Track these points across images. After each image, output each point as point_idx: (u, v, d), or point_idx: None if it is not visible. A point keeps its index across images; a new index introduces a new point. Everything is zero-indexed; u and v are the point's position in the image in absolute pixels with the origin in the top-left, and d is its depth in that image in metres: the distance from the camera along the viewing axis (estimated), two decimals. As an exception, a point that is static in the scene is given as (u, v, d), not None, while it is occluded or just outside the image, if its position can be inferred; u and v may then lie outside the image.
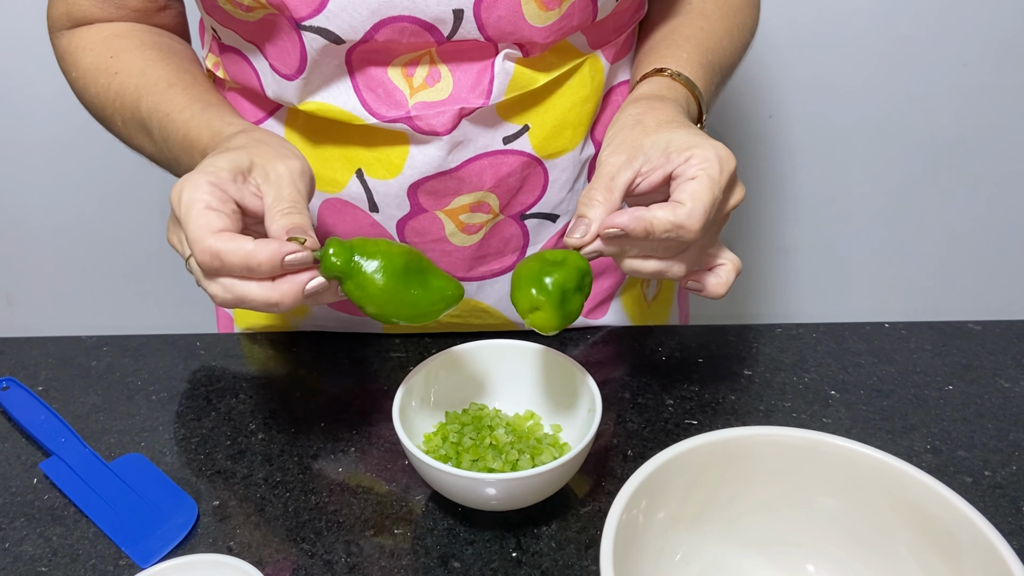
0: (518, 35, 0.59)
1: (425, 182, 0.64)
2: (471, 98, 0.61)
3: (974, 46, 1.25)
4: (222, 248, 0.47)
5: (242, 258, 0.47)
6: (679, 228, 0.51)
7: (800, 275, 1.48)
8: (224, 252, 0.47)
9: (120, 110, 0.63)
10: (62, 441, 0.63)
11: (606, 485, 0.60)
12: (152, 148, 0.63)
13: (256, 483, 0.60)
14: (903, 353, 0.72)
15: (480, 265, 0.69)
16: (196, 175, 0.50)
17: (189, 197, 0.48)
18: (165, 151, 0.61)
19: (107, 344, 0.75)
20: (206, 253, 0.47)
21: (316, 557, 0.55)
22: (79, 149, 1.32)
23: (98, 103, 0.65)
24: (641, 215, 0.51)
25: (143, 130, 0.62)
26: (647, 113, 0.57)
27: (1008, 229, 1.41)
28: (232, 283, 0.48)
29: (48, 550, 0.56)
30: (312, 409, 0.67)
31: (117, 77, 0.63)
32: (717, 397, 0.68)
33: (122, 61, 0.64)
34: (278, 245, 0.47)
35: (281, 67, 0.62)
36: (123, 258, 1.45)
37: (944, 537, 0.43)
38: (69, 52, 0.67)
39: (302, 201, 0.51)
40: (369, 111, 0.61)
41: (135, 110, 0.62)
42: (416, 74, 0.61)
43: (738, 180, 0.55)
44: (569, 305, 0.53)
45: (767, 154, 1.36)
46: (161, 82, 0.62)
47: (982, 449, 0.62)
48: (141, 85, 0.62)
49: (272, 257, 0.47)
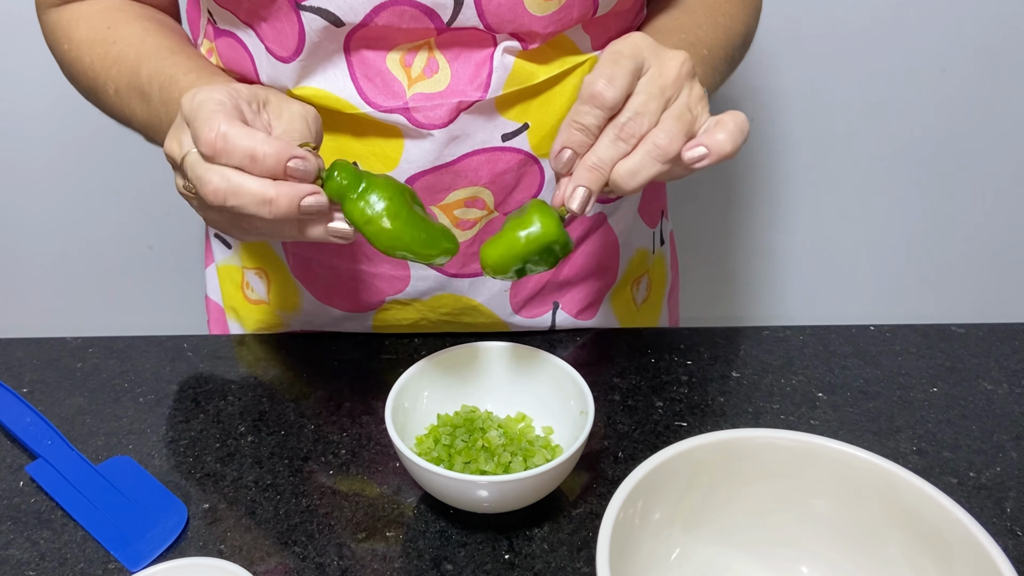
0: (517, 24, 0.59)
1: (421, 176, 0.64)
2: (469, 91, 0.61)
3: (953, 51, 1.26)
4: (230, 129, 0.45)
5: (249, 144, 0.45)
6: (592, 95, 0.49)
7: (787, 278, 1.49)
8: (232, 133, 0.45)
9: (116, 77, 0.62)
10: (48, 444, 0.62)
11: (597, 487, 0.60)
12: (146, 114, 0.61)
13: (246, 486, 0.60)
14: (888, 356, 0.73)
15: (472, 262, 0.69)
16: (213, 86, 0.49)
17: (205, 96, 0.47)
18: (163, 114, 0.59)
19: (92, 345, 0.74)
20: (213, 131, 0.45)
21: (308, 560, 0.54)
22: (63, 148, 1.30)
23: (91, 73, 0.64)
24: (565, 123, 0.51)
25: (140, 95, 0.61)
26: None
27: (991, 233, 1.43)
28: (230, 171, 0.46)
29: (35, 554, 0.55)
30: (302, 411, 0.67)
31: (115, 46, 0.62)
32: (706, 399, 0.68)
33: (120, 31, 0.63)
34: (287, 144, 0.46)
35: (277, 49, 0.61)
36: (106, 259, 1.44)
37: (934, 538, 0.44)
38: (60, 25, 0.66)
39: (311, 137, 0.50)
40: (365, 100, 0.61)
41: (134, 75, 0.61)
42: (414, 64, 0.61)
43: (667, 48, 0.53)
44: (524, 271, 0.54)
45: (752, 157, 1.37)
46: (163, 49, 0.61)
47: (967, 450, 0.63)
48: (141, 52, 0.61)
49: (279, 152, 0.46)
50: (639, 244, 0.79)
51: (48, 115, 1.23)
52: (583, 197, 0.51)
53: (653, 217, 0.81)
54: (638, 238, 0.79)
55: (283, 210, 0.46)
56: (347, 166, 0.49)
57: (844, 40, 1.26)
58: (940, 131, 1.33)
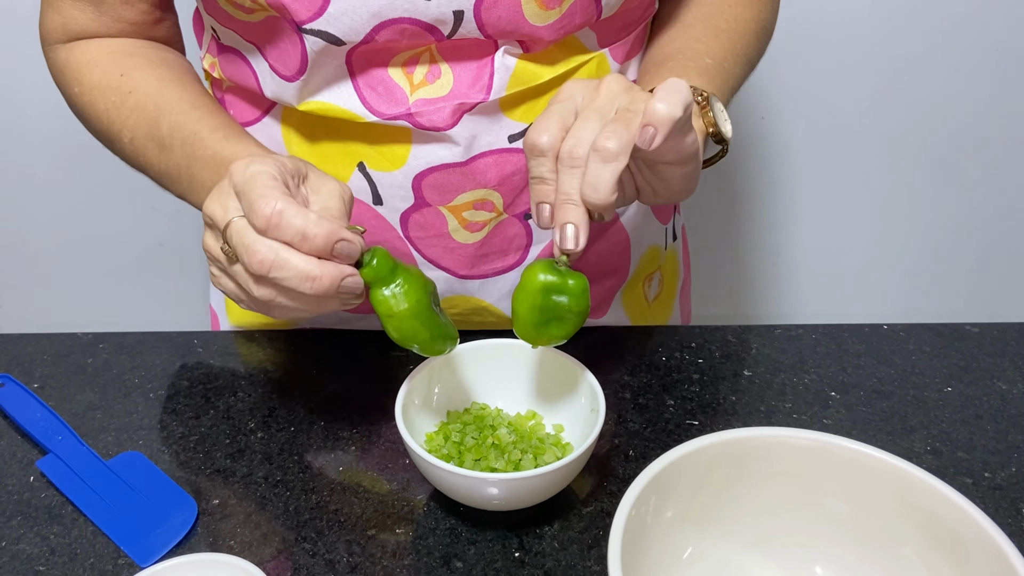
0: (519, 33, 0.59)
1: (430, 173, 0.64)
2: (471, 93, 0.61)
3: (970, 49, 1.26)
4: (286, 207, 0.47)
5: (303, 222, 0.47)
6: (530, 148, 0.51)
7: (799, 277, 1.49)
8: (287, 211, 0.46)
9: (132, 127, 0.63)
10: (59, 439, 0.62)
11: (608, 485, 0.60)
12: (163, 165, 0.62)
13: (256, 482, 0.60)
14: (902, 355, 0.72)
15: (482, 263, 0.69)
16: (263, 158, 0.50)
17: (259, 169, 0.49)
18: (183, 168, 0.60)
19: (103, 341, 0.74)
20: (269, 206, 0.46)
21: (317, 556, 0.54)
22: (73, 146, 1.31)
23: (105, 119, 0.64)
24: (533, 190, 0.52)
25: (159, 147, 0.62)
26: None
27: (1005, 232, 1.42)
28: (280, 245, 0.47)
29: (46, 549, 0.55)
30: (312, 407, 0.67)
31: (131, 96, 0.63)
32: (718, 398, 0.68)
33: (135, 80, 0.64)
34: (337, 227, 0.48)
35: (281, 68, 0.61)
36: (117, 256, 1.45)
37: (950, 539, 0.43)
38: (70, 67, 0.66)
39: (346, 216, 0.52)
40: (370, 109, 0.61)
41: (153, 127, 0.62)
42: (416, 72, 0.61)
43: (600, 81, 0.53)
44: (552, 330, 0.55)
45: (762, 156, 1.37)
46: (184, 103, 0.62)
47: (981, 451, 0.63)
48: (160, 104, 0.62)
49: (329, 233, 0.47)
50: (651, 241, 0.79)
51: (59, 112, 1.23)
52: (572, 233, 0.50)
53: (665, 213, 0.80)
54: (649, 235, 0.78)
55: (324, 288, 0.48)
56: (385, 255, 0.51)
57: (854, 39, 1.25)
58: (952, 129, 1.33)
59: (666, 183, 0.55)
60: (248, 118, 0.68)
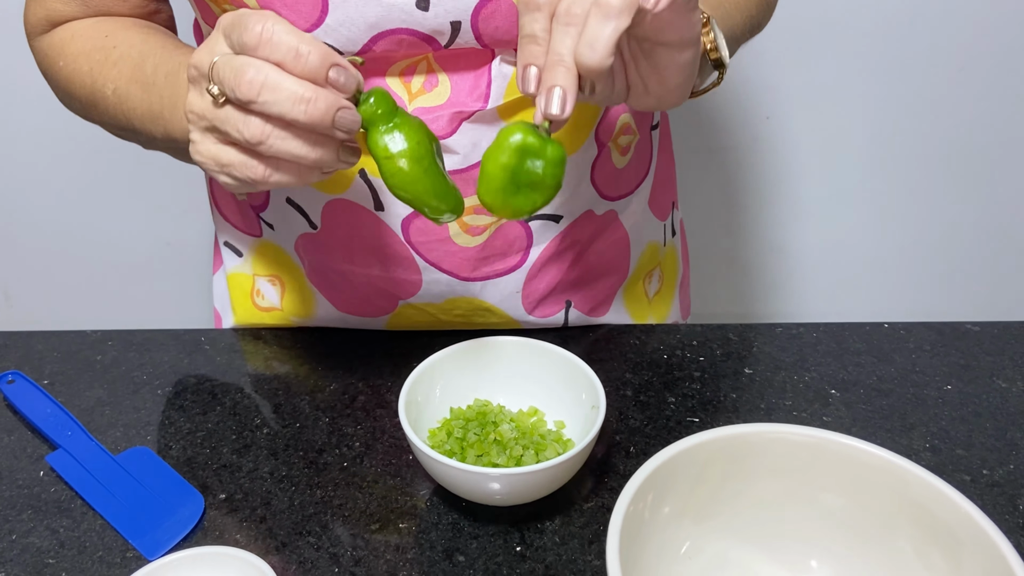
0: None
1: None
2: (469, 102, 0.62)
3: (973, 48, 1.26)
4: (277, 25, 0.44)
5: (294, 40, 0.44)
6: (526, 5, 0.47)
7: (800, 275, 1.49)
8: (279, 29, 0.44)
9: (115, 78, 0.61)
10: (68, 434, 0.63)
11: (608, 481, 0.60)
12: (146, 104, 0.60)
13: (262, 477, 0.61)
14: (902, 353, 0.73)
15: (484, 265, 0.70)
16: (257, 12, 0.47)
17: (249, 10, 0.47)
18: (167, 99, 0.58)
19: (112, 339, 0.75)
20: (261, 23, 0.44)
21: (322, 550, 0.55)
22: (82, 146, 1.32)
23: (88, 80, 0.63)
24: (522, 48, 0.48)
25: (142, 87, 0.59)
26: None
27: (1006, 231, 1.42)
28: (270, 66, 0.44)
29: (55, 542, 0.56)
30: (317, 404, 0.68)
31: (116, 49, 0.62)
32: (718, 395, 0.68)
33: (119, 37, 0.63)
34: (331, 51, 0.45)
35: None
36: (125, 255, 1.46)
37: (945, 534, 0.44)
38: (53, 45, 0.65)
39: None
40: None
41: (136, 71, 0.60)
42: (414, 81, 0.61)
43: None
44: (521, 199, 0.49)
45: (766, 155, 1.37)
46: (168, 46, 0.61)
47: (980, 448, 0.63)
48: (145, 50, 0.61)
49: (324, 54, 0.44)
50: (650, 238, 0.79)
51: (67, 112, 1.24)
52: (558, 96, 0.46)
53: (664, 209, 0.81)
54: (649, 232, 0.79)
55: (319, 114, 0.44)
56: (385, 95, 0.47)
57: (861, 38, 1.25)
58: (956, 128, 1.33)
59: (660, 75, 0.51)
60: None
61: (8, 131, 1.32)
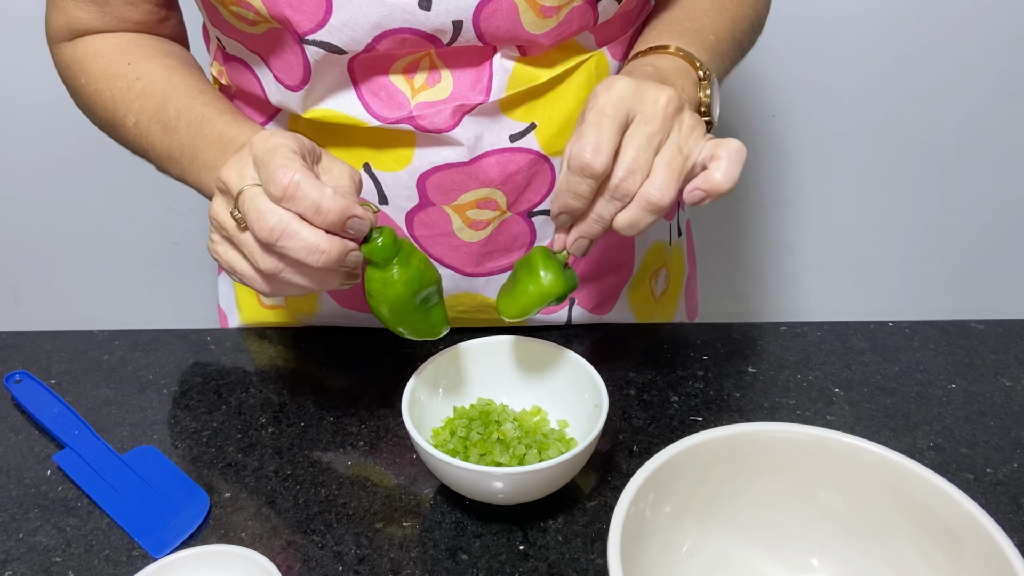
0: (517, 40, 0.60)
1: (434, 173, 0.65)
2: (471, 95, 0.62)
3: (979, 46, 1.25)
4: (304, 179, 0.47)
5: (318, 196, 0.47)
6: (581, 167, 0.50)
7: (805, 274, 1.49)
8: (305, 183, 0.47)
9: (138, 111, 0.64)
10: (75, 433, 0.64)
11: (611, 480, 0.60)
12: (165, 146, 0.63)
13: (267, 476, 0.61)
14: (907, 352, 0.73)
15: (487, 261, 0.70)
16: (285, 132, 0.51)
17: (280, 141, 0.49)
18: (187, 148, 0.61)
19: (118, 338, 0.76)
20: (288, 176, 0.47)
21: (326, 549, 0.55)
22: (91, 145, 1.32)
23: (110, 106, 0.66)
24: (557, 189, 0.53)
25: (164, 128, 0.62)
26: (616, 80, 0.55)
27: (1011, 229, 1.41)
28: (291, 216, 0.48)
29: (62, 540, 0.57)
30: (321, 403, 0.68)
31: (139, 82, 0.64)
32: (722, 394, 0.68)
33: (142, 68, 0.65)
34: (351, 204, 0.48)
35: (285, 78, 0.63)
36: (133, 255, 1.46)
37: (946, 532, 0.44)
38: (76, 60, 0.67)
39: (356, 197, 0.52)
40: (372, 114, 0.63)
41: (159, 110, 0.63)
42: (417, 77, 0.62)
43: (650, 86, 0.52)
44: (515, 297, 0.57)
45: (772, 153, 1.37)
46: (191, 88, 0.63)
47: (984, 447, 0.63)
48: (168, 90, 0.63)
49: (343, 209, 0.48)
50: (655, 237, 0.79)
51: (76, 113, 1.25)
52: (585, 247, 0.55)
53: (670, 209, 0.81)
54: (654, 231, 0.79)
55: (331, 262, 0.48)
56: (390, 238, 0.51)
57: (867, 36, 1.25)
58: (964, 126, 1.32)
59: None
60: (255, 122, 0.69)
61: (16, 132, 1.33)
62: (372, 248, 0.51)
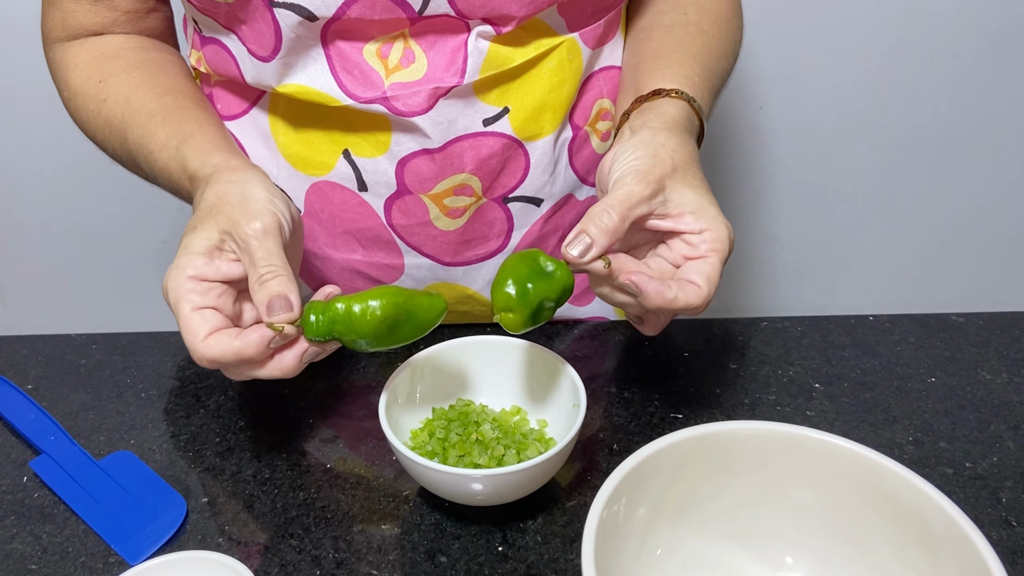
0: (489, 8, 0.60)
1: (410, 159, 0.65)
2: (445, 77, 0.62)
3: (964, 38, 1.25)
4: (214, 354, 0.50)
5: (234, 355, 0.50)
6: (690, 309, 0.53)
7: (786, 268, 1.48)
8: (218, 356, 0.50)
9: (110, 139, 0.65)
10: (52, 439, 0.63)
11: (591, 479, 0.60)
12: (144, 174, 0.66)
13: (245, 479, 0.61)
14: (887, 345, 0.73)
15: (465, 250, 0.70)
16: (176, 272, 0.52)
17: (174, 298, 0.52)
18: (163, 182, 0.64)
19: (96, 342, 0.75)
20: (203, 361, 0.51)
21: (304, 552, 0.55)
22: (72, 144, 1.31)
23: (89, 129, 0.67)
24: (663, 291, 0.52)
25: (133, 163, 0.65)
26: (669, 146, 0.56)
27: (993, 223, 1.42)
28: (242, 371, 0.52)
29: (38, 548, 0.56)
30: (300, 406, 0.68)
31: (105, 105, 0.65)
32: (703, 391, 0.68)
33: (110, 87, 0.65)
34: (259, 335, 0.51)
35: (258, 49, 0.63)
36: (119, 255, 1.45)
37: (920, 528, 0.44)
38: (61, 69, 0.68)
39: (276, 259, 0.52)
40: (346, 92, 0.63)
41: (123, 141, 0.64)
42: (391, 55, 0.62)
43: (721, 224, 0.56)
44: (541, 315, 0.54)
45: (756, 146, 1.36)
46: (143, 112, 0.63)
47: (963, 441, 0.63)
48: (127, 115, 0.64)
49: (259, 347, 0.51)
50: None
51: (55, 109, 1.24)
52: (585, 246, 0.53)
53: None
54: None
55: (299, 369, 0.53)
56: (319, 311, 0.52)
57: (854, 28, 1.24)
58: (947, 119, 1.32)
59: None
60: (236, 111, 0.70)
61: (1, 133, 1.32)
62: (312, 332, 0.52)
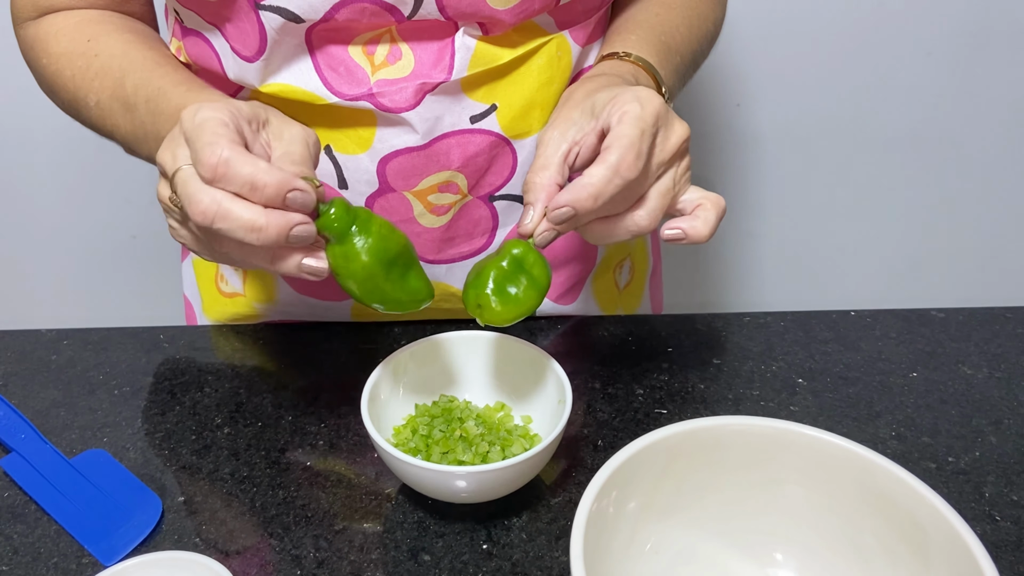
0: (479, 16, 0.59)
1: (394, 157, 0.64)
2: (433, 74, 0.61)
3: (939, 35, 1.26)
4: (232, 156, 0.44)
5: (251, 171, 0.44)
6: (616, 174, 0.50)
7: (769, 264, 1.49)
8: (234, 159, 0.44)
9: (98, 90, 0.61)
10: (22, 437, 0.62)
11: (576, 475, 0.60)
12: (130, 126, 0.60)
13: (222, 478, 0.59)
14: (869, 341, 0.73)
15: (449, 247, 0.69)
16: (215, 104, 0.48)
17: (208, 115, 0.46)
18: (148, 125, 0.58)
19: (67, 338, 0.73)
20: (215, 156, 0.44)
21: (284, 552, 0.54)
22: (46, 136, 1.29)
23: (71, 86, 0.63)
24: (582, 184, 0.51)
25: (124, 107, 0.60)
26: (578, 89, 0.58)
27: (972, 218, 1.43)
28: (223, 195, 0.45)
29: (8, 549, 0.54)
30: (279, 402, 0.66)
31: (97, 59, 0.61)
32: (687, 386, 0.68)
33: (101, 44, 0.62)
34: (289, 176, 0.45)
35: (242, 49, 0.61)
36: (89, 249, 1.43)
37: (909, 524, 0.44)
38: (39, 40, 0.65)
39: (310, 161, 0.49)
40: (331, 90, 0.61)
41: (118, 87, 0.60)
42: (377, 52, 0.61)
43: (674, 117, 0.54)
44: (514, 298, 0.53)
45: (736, 143, 1.37)
46: (148, 61, 0.60)
47: (946, 435, 0.63)
48: (125, 65, 0.60)
49: (280, 183, 0.45)
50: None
51: (26, 100, 1.21)
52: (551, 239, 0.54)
53: None
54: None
55: (271, 239, 0.45)
56: (343, 209, 0.48)
57: (831, 25, 1.25)
58: (923, 116, 1.33)
59: None
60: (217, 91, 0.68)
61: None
62: (325, 222, 0.47)
